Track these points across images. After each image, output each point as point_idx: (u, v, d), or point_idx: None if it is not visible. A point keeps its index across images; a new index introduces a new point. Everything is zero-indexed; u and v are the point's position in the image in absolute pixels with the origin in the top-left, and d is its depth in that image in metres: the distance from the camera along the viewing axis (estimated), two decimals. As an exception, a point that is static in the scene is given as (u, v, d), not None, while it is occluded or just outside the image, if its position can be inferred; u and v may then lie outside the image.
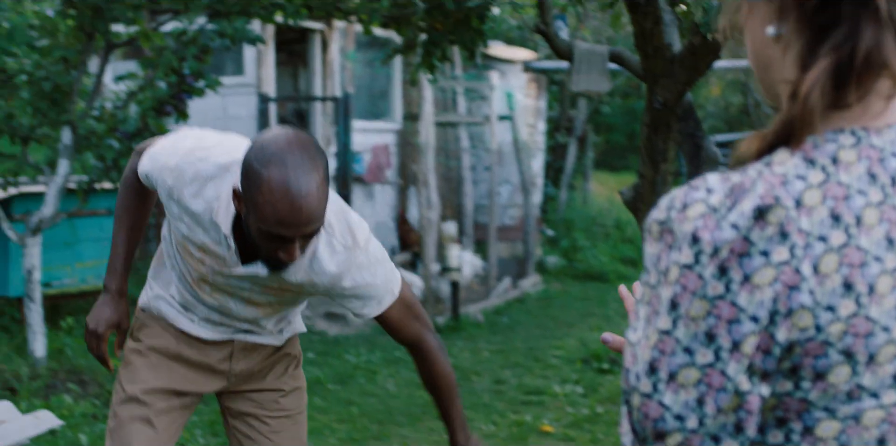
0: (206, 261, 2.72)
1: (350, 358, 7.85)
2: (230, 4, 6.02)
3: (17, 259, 7.07)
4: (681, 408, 1.11)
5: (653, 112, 4.06)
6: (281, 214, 2.36)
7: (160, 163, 2.67)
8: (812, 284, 1.08)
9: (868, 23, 1.11)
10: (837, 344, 1.10)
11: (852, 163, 1.13)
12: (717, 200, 1.10)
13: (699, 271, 1.09)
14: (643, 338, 1.13)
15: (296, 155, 2.40)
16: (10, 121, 6.56)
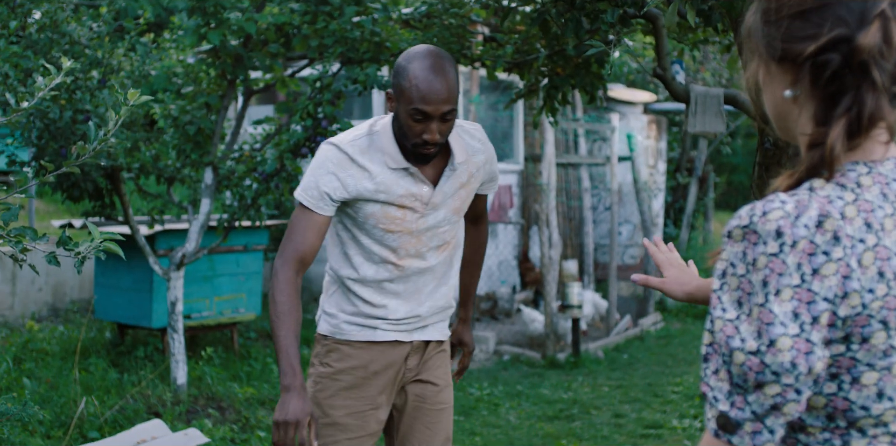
0: (406, 207, 3.20)
1: (473, 391, 8.07)
2: (361, 52, 6.36)
3: (161, 292, 7.47)
4: (778, 367, 1.48)
5: (764, 151, 4.21)
6: (423, 91, 3.00)
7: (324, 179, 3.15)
8: (858, 274, 1.51)
9: (868, 91, 1.53)
10: (877, 315, 1.53)
11: (870, 185, 1.57)
12: (791, 208, 1.50)
13: (783, 258, 1.48)
14: (743, 313, 1.50)
15: (432, 52, 3.08)
16: (156, 163, 6.98)
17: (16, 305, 8.92)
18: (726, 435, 1.53)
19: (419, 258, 3.30)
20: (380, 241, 3.23)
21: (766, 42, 1.63)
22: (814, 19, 1.57)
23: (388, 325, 3.32)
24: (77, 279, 9.44)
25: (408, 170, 3.17)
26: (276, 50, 6.55)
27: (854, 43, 1.53)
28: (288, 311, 3.11)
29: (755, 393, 1.50)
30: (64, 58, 3.55)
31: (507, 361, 9.45)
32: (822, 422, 1.59)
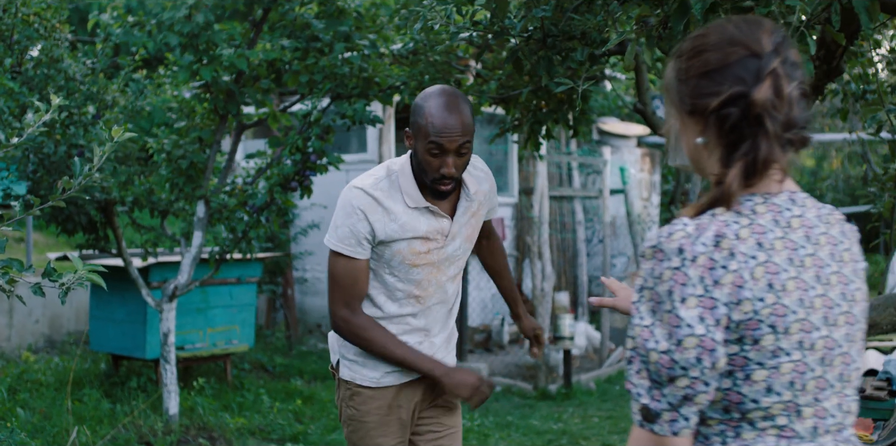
0: (430, 242, 3.38)
1: (464, 421, 8.13)
2: (350, 88, 6.50)
3: (154, 324, 7.57)
4: (685, 362, 1.78)
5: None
6: (438, 126, 3.19)
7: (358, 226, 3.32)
8: (750, 284, 1.80)
9: (762, 139, 1.84)
10: (766, 321, 1.81)
11: (764, 213, 1.88)
12: (691, 229, 1.83)
13: (684, 271, 1.80)
14: (657, 320, 1.80)
15: (446, 91, 3.28)
16: (150, 196, 7.10)
17: (13, 337, 9.02)
18: (648, 424, 1.83)
19: (440, 289, 3.47)
20: (405, 276, 3.39)
21: (679, 97, 1.93)
22: (716, 78, 1.87)
23: (403, 373, 3.49)
24: (73, 311, 9.54)
25: (428, 208, 3.36)
26: (268, 86, 6.69)
27: (749, 98, 1.83)
28: (388, 338, 3.40)
29: (669, 387, 1.80)
30: (54, 95, 3.67)
31: (498, 392, 9.53)
32: (719, 415, 1.87)
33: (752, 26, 1.90)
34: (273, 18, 6.76)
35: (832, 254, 1.92)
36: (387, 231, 3.31)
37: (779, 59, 1.87)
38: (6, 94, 6.08)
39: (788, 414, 1.86)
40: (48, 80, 6.23)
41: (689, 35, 1.98)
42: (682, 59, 1.94)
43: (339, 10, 6.52)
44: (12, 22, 6.17)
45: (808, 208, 1.94)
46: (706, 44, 1.91)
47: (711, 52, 1.89)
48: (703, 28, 1.96)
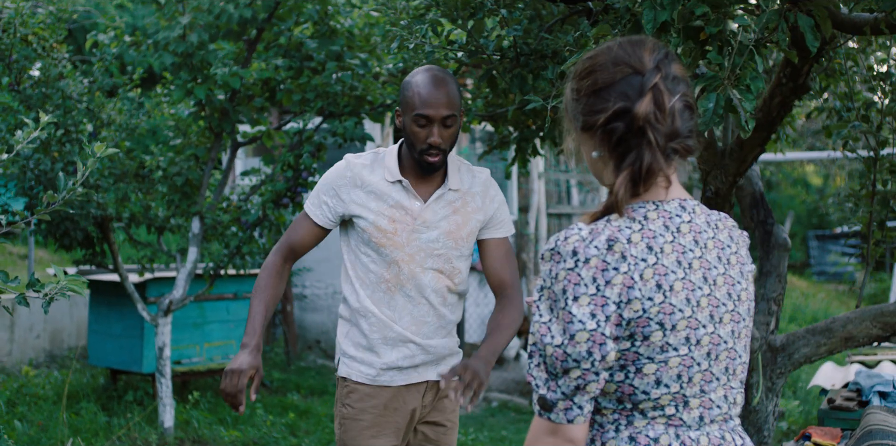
0: (397, 221, 3.44)
1: (458, 436, 8.21)
2: (342, 106, 6.62)
3: (151, 338, 7.68)
4: (577, 355, 1.92)
5: (706, 200, 4.44)
6: (425, 96, 3.31)
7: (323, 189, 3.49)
8: (640, 285, 1.95)
9: (646, 149, 1.99)
10: (654, 318, 1.96)
11: (655, 219, 2.02)
12: (585, 234, 1.97)
13: (577, 271, 1.94)
14: (554, 317, 1.94)
15: (433, 68, 3.42)
16: (147, 213, 7.23)
17: (14, 351, 9.13)
18: (546, 413, 1.97)
19: (413, 279, 3.47)
20: (376, 257, 3.46)
21: (573, 115, 2.09)
22: (603, 96, 2.03)
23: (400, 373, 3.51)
24: (74, 326, 9.66)
25: (401, 182, 3.45)
26: (262, 104, 6.81)
27: (632, 112, 1.98)
28: (264, 287, 3.48)
29: (563, 378, 1.94)
30: (42, 113, 3.80)
31: (494, 408, 9.61)
32: (613, 405, 2.03)
33: (636, 46, 2.06)
34: (267, 38, 6.90)
35: (719, 257, 2.08)
36: (351, 196, 3.44)
37: (659, 75, 2.01)
38: (4, 111, 6.21)
39: (676, 404, 2.02)
40: (46, 98, 6.36)
41: (581, 58, 2.13)
42: (576, 80, 2.09)
43: (332, 31, 6.65)
44: (11, 41, 6.31)
45: (698, 214, 2.10)
46: (595, 65, 2.06)
47: (599, 72, 2.04)
48: (595, 50, 2.11)
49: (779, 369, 4.82)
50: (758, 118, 4.14)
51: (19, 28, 6.32)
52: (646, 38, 2.11)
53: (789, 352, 4.78)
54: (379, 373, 3.50)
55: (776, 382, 4.83)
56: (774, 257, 5.14)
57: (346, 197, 3.46)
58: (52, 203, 3.63)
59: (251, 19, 6.50)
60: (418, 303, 3.51)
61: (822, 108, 5.54)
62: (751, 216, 5.27)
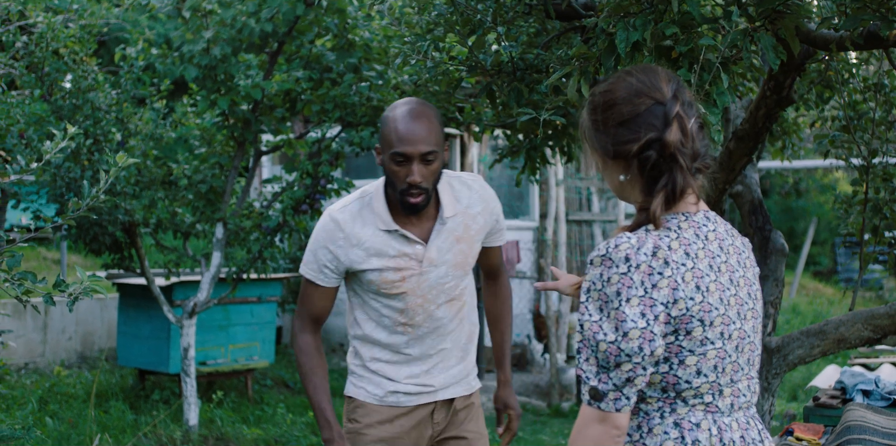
0: (403, 269, 3.32)
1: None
2: (360, 116, 6.87)
3: (177, 340, 7.96)
4: (630, 350, 2.11)
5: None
6: (402, 132, 3.15)
7: (320, 253, 3.34)
8: (682, 287, 2.15)
9: (678, 172, 2.19)
10: (696, 316, 2.16)
11: (686, 228, 2.23)
12: (634, 242, 2.15)
13: (630, 276, 2.12)
14: (604, 316, 2.12)
15: (412, 101, 3.28)
16: (173, 219, 7.51)
17: (46, 353, 9.45)
18: (596, 402, 2.15)
19: (430, 318, 3.39)
20: (387, 304, 3.36)
21: (600, 145, 2.26)
22: (631, 127, 2.21)
23: (407, 397, 3.45)
24: (105, 328, 9.96)
25: (398, 231, 3.29)
26: (283, 114, 7.08)
27: (663, 141, 2.18)
28: (312, 370, 3.36)
29: (615, 371, 2.12)
30: (69, 124, 4.07)
31: (513, 410, 9.80)
32: (658, 394, 2.22)
33: (651, 77, 2.25)
34: (288, 51, 7.16)
35: (738, 262, 2.30)
36: (350, 257, 3.30)
37: (679, 103, 2.21)
38: (36, 121, 6.51)
39: (713, 392, 2.22)
40: (76, 108, 6.65)
41: (598, 89, 2.30)
42: (598, 112, 2.26)
43: (350, 43, 6.91)
44: (43, 55, 6.61)
45: (719, 224, 2.32)
46: (616, 98, 2.23)
47: (623, 105, 2.22)
48: (609, 83, 2.29)
49: (774, 370, 5.00)
50: (744, 129, 4.34)
51: (51, 42, 6.61)
52: (657, 68, 2.30)
53: (784, 353, 4.95)
54: (386, 395, 3.45)
55: (771, 382, 5.01)
56: (772, 262, 5.32)
57: (345, 257, 3.31)
58: (76, 209, 3.89)
59: (272, 33, 6.76)
60: (437, 336, 3.45)
61: (824, 118, 5.74)
62: (750, 222, 5.45)
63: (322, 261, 3.33)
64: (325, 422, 3.29)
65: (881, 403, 4.42)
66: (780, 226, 23.12)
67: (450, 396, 3.49)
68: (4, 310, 8.78)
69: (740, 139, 4.39)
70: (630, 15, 3.11)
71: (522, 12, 4.13)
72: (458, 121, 6.59)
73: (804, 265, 19.88)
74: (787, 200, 24.93)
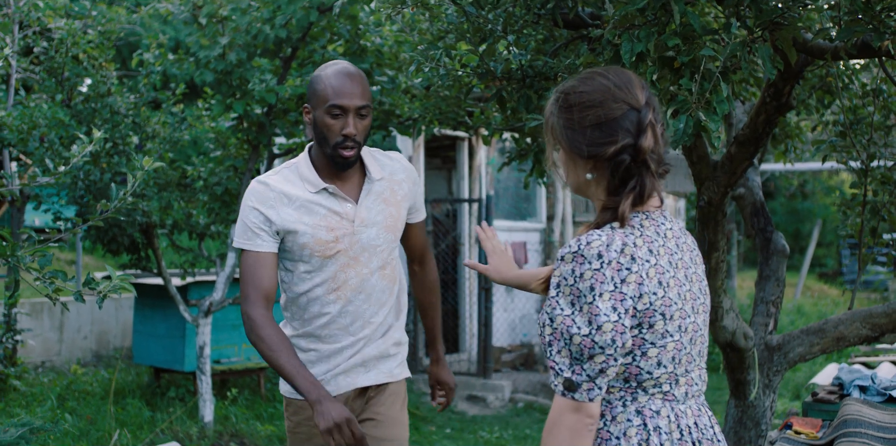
0: (336, 228, 3.30)
1: (484, 434, 8.60)
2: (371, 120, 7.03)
3: (192, 338, 8.13)
4: (603, 343, 2.20)
5: (700, 209, 4.79)
6: (338, 86, 3.22)
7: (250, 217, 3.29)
8: (647, 282, 2.26)
9: (646, 176, 2.32)
10: (658, 310, 2.27)
11: (648, 226, 2.34)
12: (605, 239, 2.25)
13: (602, 271, 2.22)
14: (576, 310, 2.20)
15: (341, 62, 3.34)
16: (189, 220, 7.69)
17: (63, 351, 9.63)
18: (570, 392, 2.23)
19: (364, 282, 3.36)
20: (320, 270, 3.31)
21: (572, 143, 2.34)
22: (607, 130, 2.30)
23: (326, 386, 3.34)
24: (120, 327, 10.14)
25: (327, 189, 3.29)
26: (296, 118, 7.24)
27: (637, 146, 2.29)
28: (280, 341, 3.18)
29: (588, 363, 2.21)
30: (95, 129, 4.24)
31: (520, 408, 9.97)
32: (620, 384, 2.32)
33: (626, 82, 2.35)
34: (301, 56, 7.33)
35: (691, 258, 2.45)
36: (282, 216, 3.27)
37: (651, 111, 2.32)
38: (57, 125, 6.68)
39: (671, 382, 2.34)
40: (95, 113, 6.82)
41: (570, 87, 2.39)
42: (573, 111, 2.34)
43: (362, 49, 7.07)
44: (63, 60, 6.78)
45: (674, 222, 2.46)
46: (592, 100, 2.32)
47: (599, 108, 2.31)
48: (582, 82, 2.38)
49: (775, 367, 5.14)
50: (745, 134, 4.50)
51: (71, 48, 6.79)
52: (629, 73, 2.40)
53: (785, 351, 5.09)
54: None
55: (773, 379, 5.15)
56: (773, 262, 5.46)
57: (277, 217, 3.27)
58: (104, 211, 4.06)
59: (286, 39, 6.92)
60: (371, 305, 3.41)
61: (825, 122, 5.89)
62: (752, 224, 5.59)
63: (256, 223, 3.28)
64: (309, 385, 3.10)
65: (877, 398, 4.58)
66: (785, 228, 23.27)
67: (365, 384, 3.42)
68: (23, 309, 8.96)
69: (741, 144, 4.54)
70: (634, 27, 3.27)
71: (531, 21, 4.29)
72: (467, 125, 6.75)
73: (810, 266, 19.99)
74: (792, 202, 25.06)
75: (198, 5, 6.97)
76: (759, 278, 5.44)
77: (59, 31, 6.88)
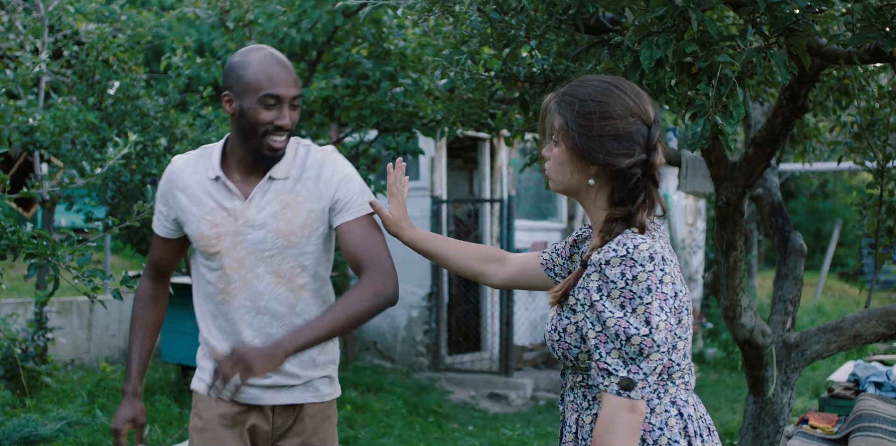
0: (219, 225, 3.03)
1: (506, 431, 8.71)
2: (395, 122, 7.17)
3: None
4: (661, 341, 2.28)
5: (719, 209, 4.90)
6: (273, 73, 2.93)
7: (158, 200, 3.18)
8: (676, 281, 2.35)
9: (653, 189, 2.42)
10: (684, 305, 2.38)
11: (654, 229, 2.44)
12: (650, 242, 2.32)
13: (656, 273, 2.28)
14: (627, 312, 2.26)
15: (264, 46, 3.06)
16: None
17: (91, 349, 9.79)
18: (626, 392, 2.28)
19: (247, 288, 3.05)
20: (208, 265, 3.10)
21: (587, 150, 2.40)
22: (623, 143, 2.39)
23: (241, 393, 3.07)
24: (147, 326, 10.30)
25: (219, 178, 3.05)
26: (321, 120, 7.38)
27: (650, 162, 2.40)
28: (137, 317, 3.22)
29: (645, 361, 2.27)
30: (130, 132, 4.39)
31: (542, 406, 10.08)
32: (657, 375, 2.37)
33: (640, 97, 2.44)
34: (326, 59, 7.47)
35: None
36: (177, 200, 3.11)
37: (658, 127, 2.43)
38: (89, 128, 6.84)
39: (689, 371, 2.46)
40: (125, 115, 6.98)
41: (587, 95, 2.43)
42: (592, 119, 2.39)
43: (386, 52, 7.21)
44: (93, 64, 6.94)
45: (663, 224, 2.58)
46: (612, 112, 2.39)
47: (619, 121, 2.38)
48: (599, 92, 2.43)
49: (793, 364, 5.24)
50: (762, 136, 4.60)
51: (101, 52, 6.95)
52: (640, 90, 2.47)
53: (802, 349, 5.19)
54: None
55: (791, 376, 5.25)
56: (791, 262, 5.56)
57: (173, 202, 3.12)
58: (140, 211, 4.21)
59: (312, 42, 7.06)
60: (258, 314, 3.07)
61: (842, 124, 5.98)
62: (770, 223, 5.69)
63: (158, 206, 3.18)
64: (127, 375, 3.14)
65: (892, 394, 4.67)
66: (806, 227, 23.26)
67: (285, 402, 3.15)
68: (52, 307, 9.13)
69: (759, 145, 4.65)
70: (653, 34, 3.39)
71: (553, 26, 4.40)
72: (489, 127, 6.88)
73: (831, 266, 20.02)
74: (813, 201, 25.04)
75: (225, 9, 7.12)
76: (777, 277, 5.53)
77: (90, 35, 7.04)
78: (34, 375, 7.54)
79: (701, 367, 12.49)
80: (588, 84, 2.47)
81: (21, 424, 5.31)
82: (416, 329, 11.21)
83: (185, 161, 3.14)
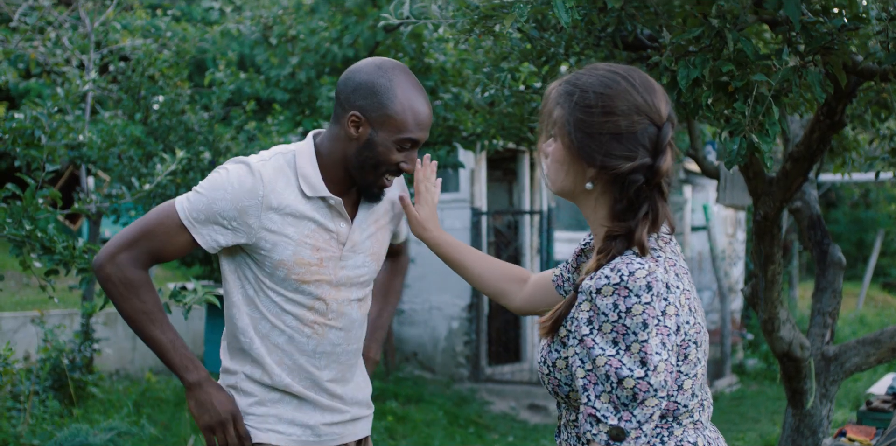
0: (322, 249, 2.70)
1: (545, 442, 8.75)
2: (436, 135, 7.25)
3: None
4: (658, 384, 1.92)
5: (757, 224, 4.94)
6: (419, 114, 2.61)
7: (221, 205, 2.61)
8: (681, 311, 2.00)
9: (659, 201, 2.08)
10: (692, 338, 2.03)
11: (663, 246, 2.08)
12: (649, 268, 1.95)
13: (653, 305, 1.92)
14: (621, 349, 1.90)
15: (403, 68, 2.70)
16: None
17: (136, 360, 9.94)
18: (616, 443, 1.93)
19: (341, 316, 2.80)
20: (290, 297, 2.71)
21: (583, 147, 2.07)
22: (625, 143, 2.04)
23: (309, 433, 2.81)
24: (191, 337, 10.43)
25: (326, 200, 2.68)
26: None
27: (655, 167, 2.05)
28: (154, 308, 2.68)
29: (639, 408, 1.91)
30: (177, 148, 4.50)
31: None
32: (657, 421, 2.04)
33: (651, 94, 2.08)
34: (368, 74, 7.56)
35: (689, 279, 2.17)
36: (262, 221, 2.61)
37: (671, 127, 2.08)
38: (135, 143, 6.98)
39: (699, 410, 2.11)
40: (170, 130, 7.11)
41: (589, 84, 2.10)
42: (592, 114, 2.05)
43: (426, 67, 7.30)
44: (140, 79, 7.07)
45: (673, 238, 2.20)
46: (615, 107, 2.04)
47: (621, 118, 2.03)
48: (603, 83, 2.08)
49: (832, 377, 5.26)
50: (800, 151, 4.65)
51: (147, 68, 7.08)
52: (653, 82, 2.13)
53: (841, 362, 5.21)
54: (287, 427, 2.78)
55: (829, 389, 5.28)
56: (830, 274, 5.58)
57: (256, 222, 2.61)
58: (188, 227, 4.30)
59: (353, 57, 7.17)
60: (347, 344, 2.84)
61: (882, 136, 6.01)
62: (809, 236, 5.72)
63: (217, 212, 2.61)
64: (189, 363, 2.68)
65: (930, 408, 4.70)
66: (848, 237, 23.14)
67: (353, 439, 2.91)
68: (98, 319, 9.28)
69: (796, 160, 4.69)
70: (690, 53, 3.45)
71: (592, 43, 4.47)
72: (529, 140, 6.94)
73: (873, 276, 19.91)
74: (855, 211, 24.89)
75: (268, 26, 7.24)
76: (816, 290, 5.55)
77: (136, 51, 7.18)
78: (81, 386, 7.68)
79: (741, 378, 12.47)
80: (594, 73, 2.12)
81: (72, 434, 5.44)
82: (457, 340, 11.27)
83: (272, 170, 2.65)
